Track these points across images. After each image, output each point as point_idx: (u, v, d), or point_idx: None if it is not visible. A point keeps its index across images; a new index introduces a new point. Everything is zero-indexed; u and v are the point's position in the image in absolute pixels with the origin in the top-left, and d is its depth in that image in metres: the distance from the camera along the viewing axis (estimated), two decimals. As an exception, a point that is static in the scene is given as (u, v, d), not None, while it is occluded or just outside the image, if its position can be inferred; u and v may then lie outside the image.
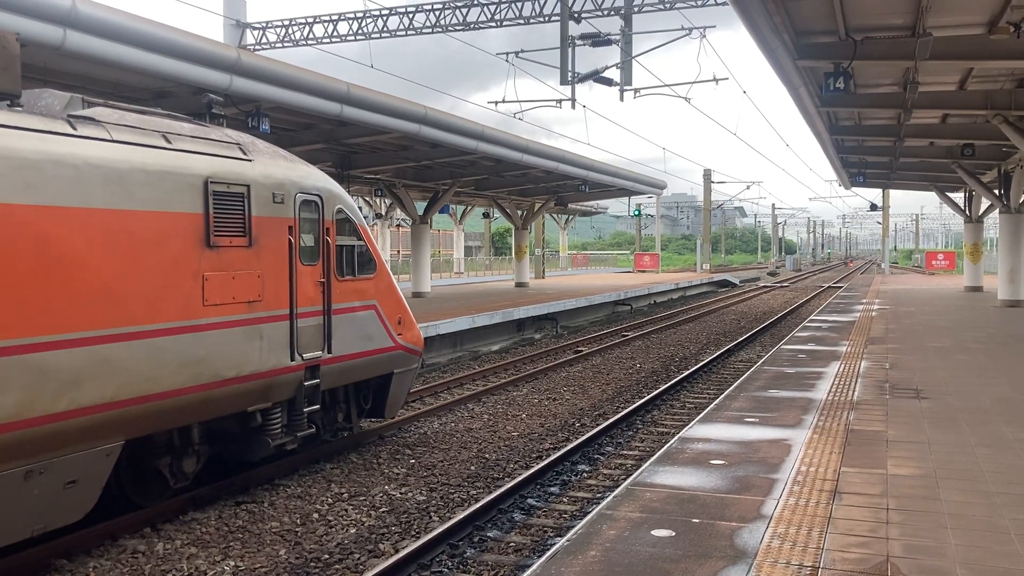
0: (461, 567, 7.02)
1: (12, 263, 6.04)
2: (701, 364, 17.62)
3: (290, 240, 8.69)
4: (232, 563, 7.08)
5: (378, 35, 27.92)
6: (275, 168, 8.71)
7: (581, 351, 20.30)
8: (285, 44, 29.51)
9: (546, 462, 9.77)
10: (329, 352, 9.26)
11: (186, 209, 7.49)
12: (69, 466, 6.52)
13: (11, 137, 6.17)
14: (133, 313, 6.94)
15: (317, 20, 28.83)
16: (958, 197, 34.71)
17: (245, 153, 8.42)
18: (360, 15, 27.95)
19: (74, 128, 6.75)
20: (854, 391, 10.81)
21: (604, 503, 6.21)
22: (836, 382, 11.53)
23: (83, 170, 6.61)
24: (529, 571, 4.96)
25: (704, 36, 23.00)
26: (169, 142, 7.54)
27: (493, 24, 26.13)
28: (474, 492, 9.11)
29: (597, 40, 22.11)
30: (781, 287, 51.44)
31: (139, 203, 7.06)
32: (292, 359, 8.69)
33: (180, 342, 7.35)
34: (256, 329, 8.18)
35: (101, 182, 6.74)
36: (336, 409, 10.05)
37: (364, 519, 8.21)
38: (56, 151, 6.46)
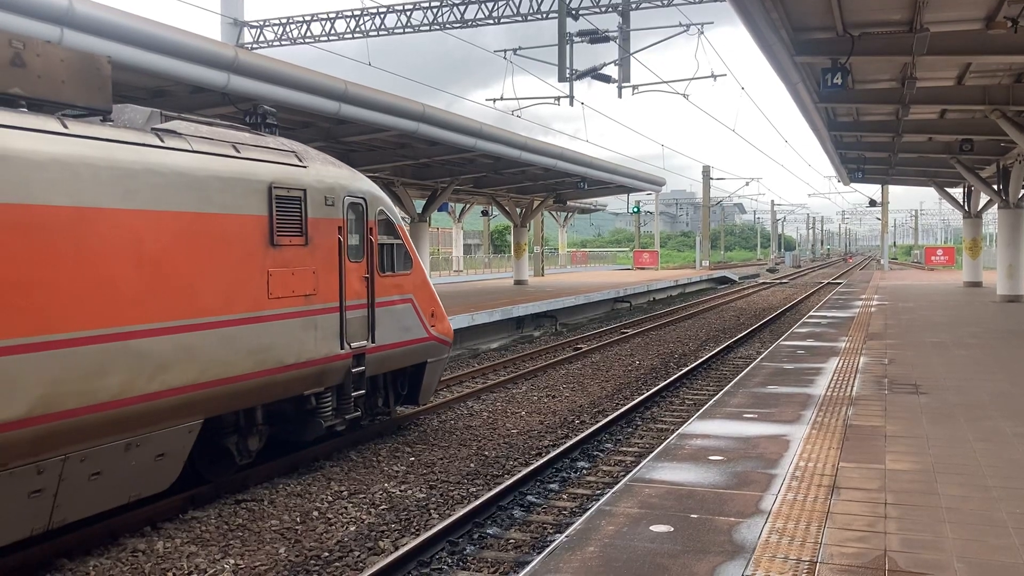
0: (461, 564, 7.03)
1: (115, 260, 6.85)
2: (700, 361, 17.64)
3: (339, 239, 9.50)
4: (232, 561, 7.09)
5: (376, 33, 27.90)
6: (326, 173, 9.53)
7: (580, 348, 20.31)
8: (283, 42, 29.48)
9: (545, 459, 9.79)
10: (373, 342, 10.09)
11: (253, 212, 8.29)
12: (160, 440, 7.35)
13: (113, 149, 6.96)
14: (211, 305, 7.73)
15: (315, 18, 28.80)
16: (957, 193, 34.73)
17: (300, 160, 9.23)
18: (358, 13, 27.94)
19: (161, 140, 7.54)
20: (853, 387, 10.83)
21: (603, 499, 6.22)
22: (835, 378, 11.55)
23: (170, 177, 7.41)
24: (528, 567, 4.97)
25: (702, 32, 23.02)
26: (238, 151, 8.36)
27: (491, 21, 26.10)
28: (474, 489, 9.12)
29: (595, 37, 22.12)
30: (780, 283, 51.47)
31: (215, 207, 7.85)
32: (342, 348, 9.49)
33: (249, 331, 8.15)
34: (312, 320, 9.00)
35: (185, 188, 7.53)
36: (376, 395, 10.76)
37: (364, 517, 8.23)
38: (149, 160, 7.25)
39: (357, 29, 28.05)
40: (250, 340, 8.14)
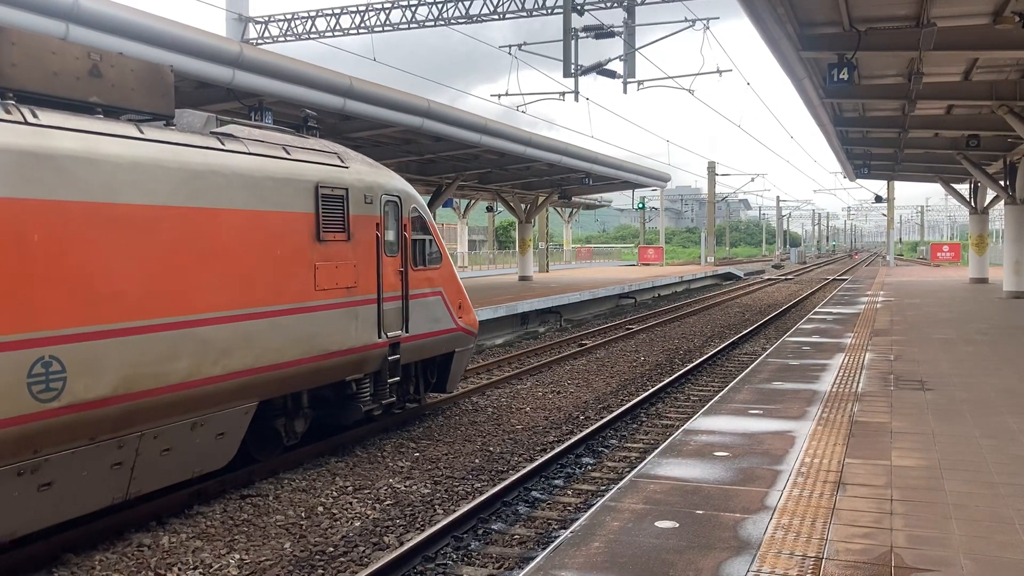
0: (466, 559, 7.04)
1: (184, 254, 7.47)
2: (705, 357, 17.61)
3: (377, 235, 10.10)
4: (237, 556, 7.10)
5: (381, 28, 27.87)
6: (365, 173, 10.12)
7: (585, 344, 20.30)
8: (288, 38, 29.48)
9: (550, 455, 9.78)
10: (407, 332, 10.71)
11: (302, 209, 8.88)
12: (220, 420, 7.98)
13: (181, 152, 7.55)
14: (265, 296, 8.33)
15: (320, 14, 28.79)
16: (963, 189, 34.62)
17: (342, 161, 9.85)
18: (363, 8, 27.90)
19: (222, 143, 8.14)
20: (858, 383, 10.80)
21: (608, 495, 6.22)
22: (840, 374, 11.52)
23: (230, 178, 8.01)
24: (533, 563, 4.97)
25: (707, 28, 22.95)
26: (288, 153, 8.95)
27: (496, 17, 26.05)
28: (478, 485, 9.12)
29: (600, 32, 22.07)
30: (786, 280, 51.38)
31: (269, 204, 8.44)
32: (379, 337, 10.10)
33: (298, 320, 8.75)
34: (353, 311, 9.61)
35: (243, 188, 8.13)
36: (408, 382, 11.35)
37: (369, 512, 8.23)
38: (212, 162, 7.86)
39: (362, 24, 28.02)
40: (299, 329, 8.76)
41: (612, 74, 22.62)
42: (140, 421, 7.08)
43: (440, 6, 26.77)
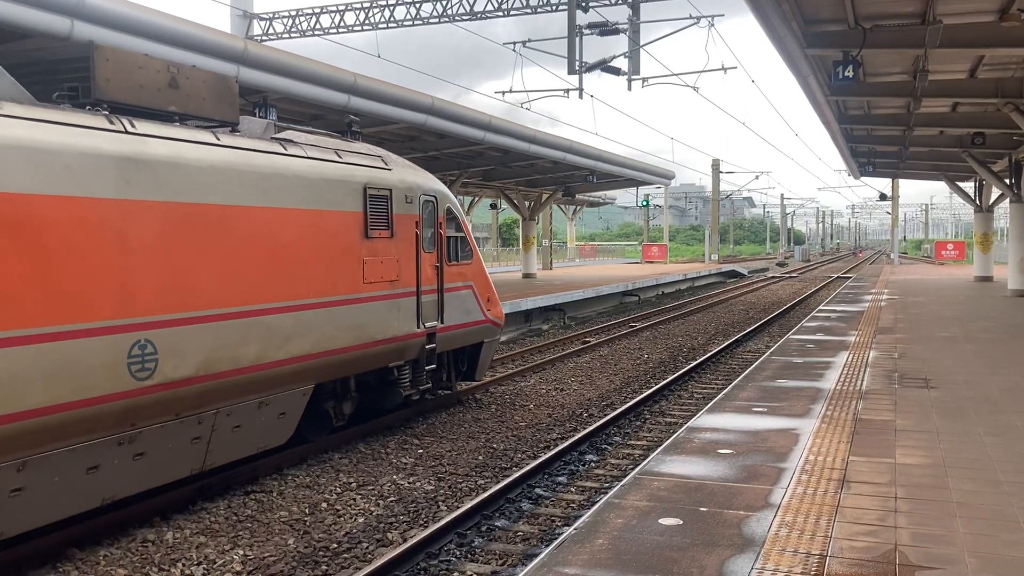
0: (469, 556, 7.04)
1: (253, 249, 8.16)
2: (709, 354, 17.60)
3: (416, 232, 10.82)
4: (241, 552, 7.11)
5: (385, 25, 27.85)
6: (407, 175, 10.88)
7: (589, 342, 20.29)
8: (292, 35, 29.46)
9: (554, 452, 9.79)
10: (442, 322, 11.45)
11: (352, 209, 9.61)
12: (282, 401, 8.72)
13: (251, 156, 8.29)
14: (321, 288, 9.05)
15: (324, 10, 28.76)
16: (968, 187, 34.51)
17: (386, 164, 10.59)
18: (367, 5, 27.87)
19: (284, 148, 8.85)
20: (863, 381, 10.79)
21: (612, 492, 6.21)
22: (845, 372, 11.51)
23: (292, 180, 8.72)
24: (537, 560, 4.97)
25: (712, 25, 22.92)
26: (340, 156, 9.70)
27: (500, 13, 26.01)
28: (482, 482, 9.13)
29: (605, 29, 22.03)
30: (790, 277, 51.31)
31: (324, 204, 9.16)
32: (418, 327, 10.84)
33: (349, 311, 9.48)
34: (395, 303, 10.36)
35: (302, 188, 8.84)
36: (442, 370, 12.08)
37: (372, 508, 8.24)
38: (277, 165, 8.57)
39: (366, 21, 28.00)
40: (349, 318, 9.50)
41: (616, 71, 22.57)
42: (216, 400, 7.83)
43: (444, 3, 26.75)
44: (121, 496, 7.12)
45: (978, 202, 33.33)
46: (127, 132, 7.08)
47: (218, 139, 8.03)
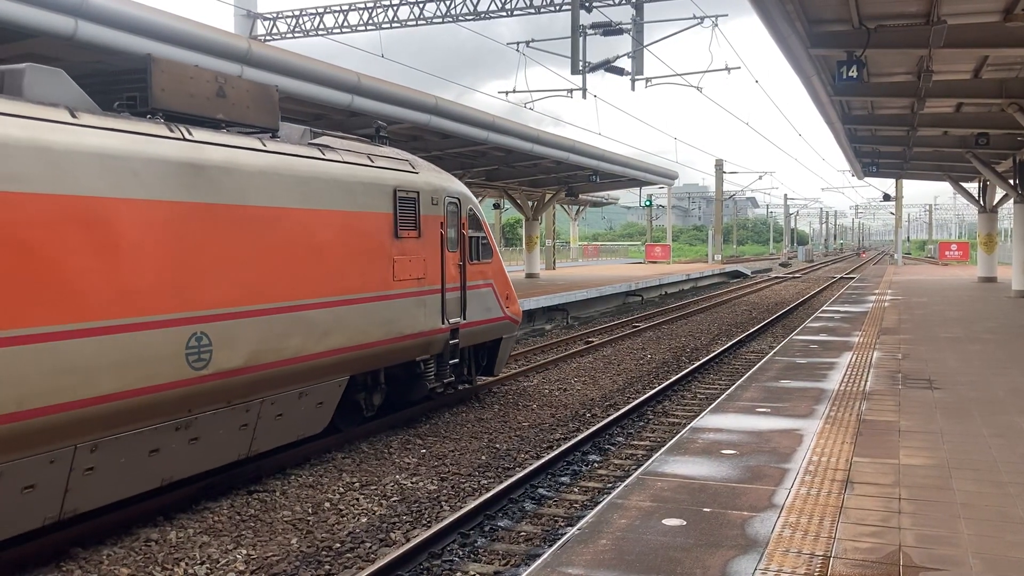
0: (472, 556, 7.04)
1: (296, 248, 8.65)
2: (712, 355, 17.59)
3: (441, 233, 11.38)
4: (244, 551, 7.11)
5: (389, 25, 27.85)
6: (433, 178, 11.42)
7: (592, 342, 20.28)
8: (296, 34, 29.46)
9: (557, 452, 9.78)
10: (464, 319, 11.96)
11: (383, 210, 10.13)
12: (320, 391, 9.27)
13: (294, 162, 8.79)
14: (355, 285, 9.57)
15: (328, 10, 28.76)
16: (972, 187, 34.44)
17: (414, 168, 11.14)
18: (371, 5, 27.87)
19: (323, 153, 9.39)
20: (866, 381, 10.77)
21: (615, 492, 6.21)
22: (848, 372, 11.49)
23: (330, 183, 9.24)
24: (540, 560, 4.96)
25: (716, 25, 22.88)
26: (372, 161, 10.23)
27: (504, 13, 26.00)
28: (485, 482, 9.12)
29: (608, 29, 22.00)
30: (793, 278, 51.26)
31: (358, 206, 9.67)
32: (443, 323, 11.36)
33: (380, 307, 10.00)
34: (422, 299, 10.87)
35: (339, 191, 9.36)
36: (463, 365, 12.51)
37: (375, 508, 8.24)
38: (317, 170, 9.10)
39: (370, 21, 28.01)
40: (381, 314, 10.01)
41: (620, 71, 22.54)
42: (262, 389, 8.37)
43: (448, 3, 26.74)
44: (177, 478, 7.66)
45: (982, 203, 33.26)
46: (185, 139, 7.63)
47: (264, 145, 8.57)
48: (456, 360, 11.84)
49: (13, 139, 6.20)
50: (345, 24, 28.51)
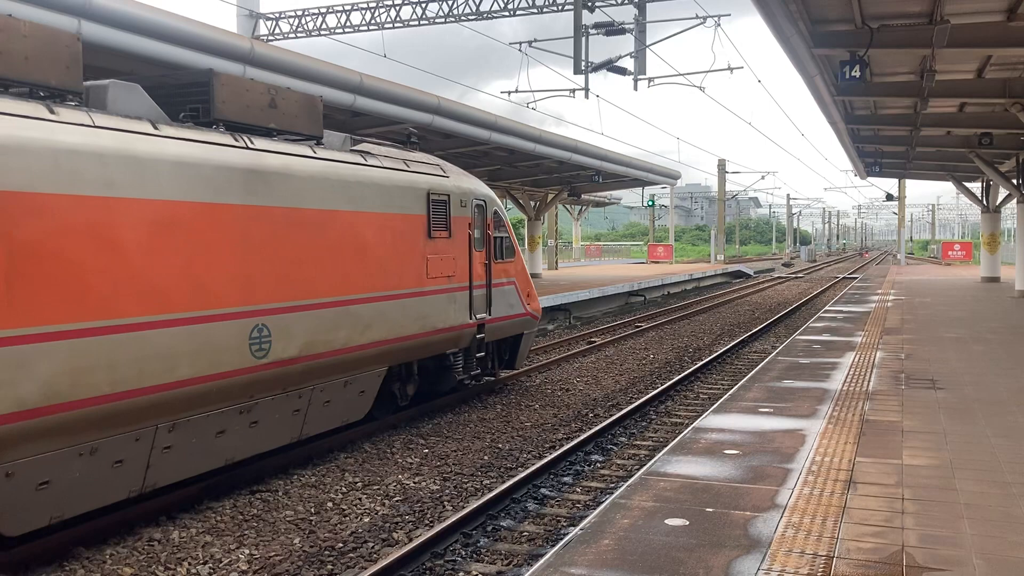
0: (475, 556, 7.04)
1: (343, 248, 9.35)
2: (715, 355, 17.57)
3: (469, 233, 12.07)
4: (247, 551, 7.11)
5: (391, 25, 27.86)
6: (462, 182, 12.13)
7: (594, 342, 20.27)
8: (298, 34, 29.48)
9: (559, 452, 9.78)
10: (490, 315, 12.63)
11: (417, 212, 10.82)
12: (363, 380, 9.96)
13: (340, 167, 9.49)
14: (393, 282, 10.23)
15: (330, 10, 28.77)
16: (975, 187, 34.40)
17: (444, 172, 11.86)
18: (373, 5, 27.87)
19: (365, 159, 10.07)
20: (869, 381, 10.76)
21: (618, 493, 6.20)
22: (851, 372, 11.48)
23: (372, 187, 9.92)
24: (543, 560, 4.96)
25: (719, 25, 22.85)
26: (407, 166, 10.93)
27: (506, 13, 26.00)
28: (487, 482, 9.12)
29: (611, 29, 21.97)
30: (796, 278, 51.21)
31: (396, 208, 10.36)
32: (470, 318, 12.04)
33: (415, 303, 10.68)
34: (452, 296, 11.54)
35: (379, 194, 10.06)
36: (488, 359, 13.11)
37: (378, 508, 8.24)
38: (360, 175, 9.79)
39: (372, 21, 28.02)
40: (415, 309, 10.67)
41: (622, 71, 22.50)
42: (313, 377, 9.01)
43: (451, 2, 26.75)
44: (239, 458, 8.30)
45: (985, 203, 33.22)
46: (248, 148, 8.32)
47: (314, 152, 9.22)
48: (482, 353, 12.52)
49: (108, 149, 6.86)
50: (347, 24, 28.53)
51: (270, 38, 29.37)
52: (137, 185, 7.03)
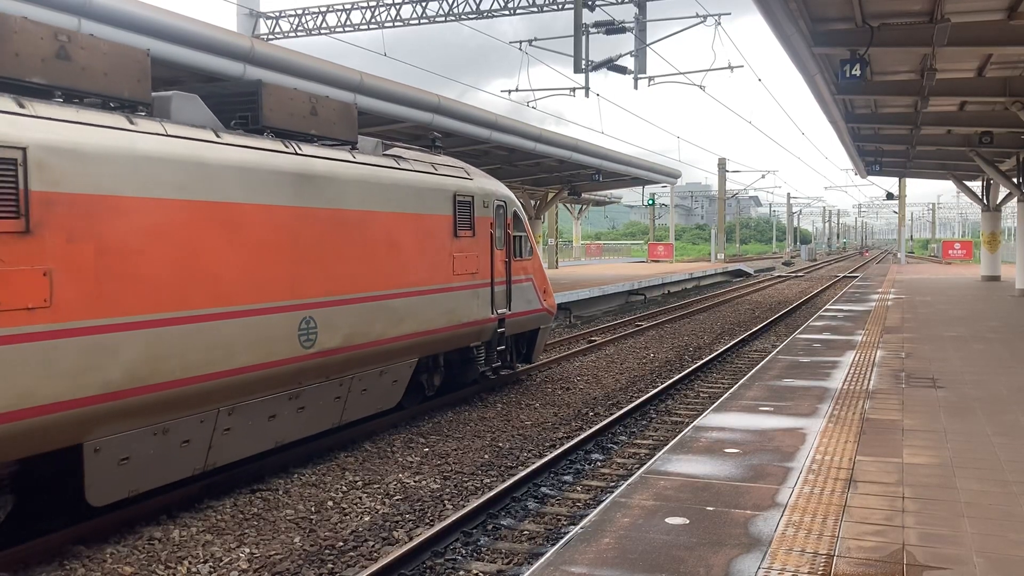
0: (475, 555, 7.04)
1: (378, 246, 9.97)
2: (715, 354, 17.57)
3: (491, 232, 12.74)
4: (247, 550, 7.12)
5: (391, 24, 27.84)
6: (484, 184, 12.80)
7: (594, 341, 20.27)
8: (298, 33, 29.46)
9: (560, 451, 9.78)
10: (510, 310, 13.29)
11: (444, 213, 11.48)
12: (396, 371, 10.61)
13: (377, 171, 10.14)
14: (423, 278, 10.90)
15: (330, 9, 28.76)
16: (975, 186, 34.38)
17: (468, 174, 12.51)
18: (373, 4, 27.85)
19: (398, 164, 10.73)
20: (870, 380, 10.76)
21: (618, 491, 6.20)
22: (851, 371, 11.47)
23: (405, 189, 10.59)
24: (543, 559, 4.96)
25: (719, 23, 22.84)
26: (435, 169, 11.58)
27: (507, 12, 25.99)
28: (488, 480, 9.12)
29: (611, 28, 21.96)
30: (796, 277, 51.21)
31: (425, 209, 11.01)
32: (492, 313, 12.71)
33: (442, 298, 11.34)
34: (476, 292, 12.23)
35: (411, 196, 10.71)
36: (507, 352, 13.71)
37: (378, 507, 8.24)
38: (395, 178, 10.45)
39: (372, 20, 28.00)
40: (443, 304, 11.33)
41: (623, 70, 22.49)
42: (353, 367, 9.65)
43: (451, 1, 26.73)
44: (286, 441, 8.92)
45: (985, 201, 33.21)
46: (297, 153, 8.92)
47: (354, 157, 9.83)
48: (502, 347, 13.18)
49: (179, 155, 7.47)
50: (348, 23, 28.51)
51: (270, 37, 29.36)
52: (205, 188, 7.67)
